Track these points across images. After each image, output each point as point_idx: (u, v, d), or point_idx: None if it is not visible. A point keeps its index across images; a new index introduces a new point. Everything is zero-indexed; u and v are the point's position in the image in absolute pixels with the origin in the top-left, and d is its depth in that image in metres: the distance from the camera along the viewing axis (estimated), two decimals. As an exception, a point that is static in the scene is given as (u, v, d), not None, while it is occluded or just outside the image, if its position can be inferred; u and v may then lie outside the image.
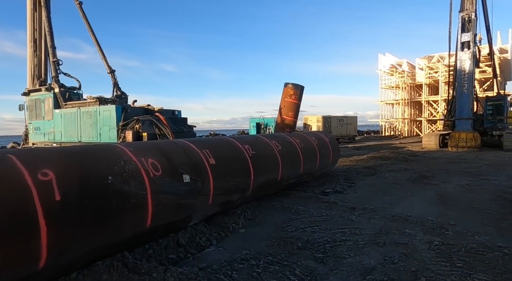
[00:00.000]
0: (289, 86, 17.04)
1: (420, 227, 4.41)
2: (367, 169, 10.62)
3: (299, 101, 17.62)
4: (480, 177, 8.87)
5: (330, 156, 8.55)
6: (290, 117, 17.33)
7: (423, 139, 19.71)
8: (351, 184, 7.83)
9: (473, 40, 16.82)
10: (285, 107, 17.58)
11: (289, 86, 17.07)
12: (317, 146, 7.86)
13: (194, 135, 11.80)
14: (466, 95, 16.95)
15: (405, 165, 11.62)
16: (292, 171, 6.55)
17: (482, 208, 5.51)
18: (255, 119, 26.83)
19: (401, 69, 35.82)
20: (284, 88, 17.80)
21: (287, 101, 17.36)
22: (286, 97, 17.31)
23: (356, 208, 5.48)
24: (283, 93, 17.67)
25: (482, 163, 11.90)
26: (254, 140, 5.82)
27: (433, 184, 7.82)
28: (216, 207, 4.50)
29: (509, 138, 16.56)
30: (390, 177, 8.83)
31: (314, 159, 7.58)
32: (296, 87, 16.96)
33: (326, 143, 8.56)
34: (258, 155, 5.42)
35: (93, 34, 13.48)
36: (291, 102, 17.30)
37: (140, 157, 3.45)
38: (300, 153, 6.87)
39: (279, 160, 5.99)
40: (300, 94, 17.24)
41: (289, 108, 17.66)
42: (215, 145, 4.81)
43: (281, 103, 17.97)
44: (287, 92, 17.31)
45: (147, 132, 9.56)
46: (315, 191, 6.95)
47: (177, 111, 12.14)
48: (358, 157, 14.63)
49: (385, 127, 38.72)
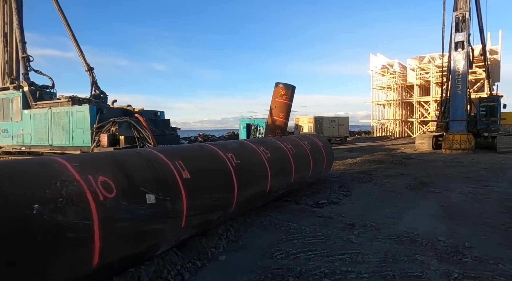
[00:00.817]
0: (280, 86, 16.39)
1: (432, 252, 3.76)
2: (362, 174, 10.03)
3: (290, 101, 16.97)
4: (481, 183, 8.36)
5: (324, 161, 7.90)
6: (281, 118, 16.69)
7: (416, 141, 19.34)
8: (346, 193, 7.19)
9: (467, 40, 16.49)
10: (276, 108, 16.92)
11: (280, 86, 16.42)
12: (310, 151, 7.19)
13: (178, 138, 10.98)
14: (460, 96, 16.60)
15: (401, 169, 11.09)
16: (282, 181, 5.85)
17: (494, 222, 4.92)
18: (245, 120, 26.05)
19: (392, 70, 35.65)
20: (275, 88, 17.14)
21: (278, 101, 16.70)
22: (277, 98, 16.65)
23: (355, 225, 4.81)
24: (274, 94, 17.01)
25: (479, 166, 11.47)
26: (239, 147, 5.09)
27: (435, 192, 7.25)
28: (191, 230, 3.75)
29: (503, 140, 16.30)
30: (387, 184, 8.23)
31: (307, 165, 6.90)
32: (287, 87, 16.31)
33: (319, 148, 7.90)
34: (243, 164, 4.70)
35: (69, 29, 12.51)
36: (282, 102, 16.65)
37: (87, 174, 2.68)
38: (292, 160, 6.18)
39: (268, 168, 5.28)
40: (291, 95, 16.59)
41: (280, 109, 17.01)
42: (191, 154, 4.05)
43: (271, 104, 17.33)
44: (278, 93, 16.65)
45: (125, 135, 8.71)
46: (308, 202, 6.27)
47: (160, 112, 11.30)
48: (352, 160, 14.08)
49: (376, 128, 38.51)
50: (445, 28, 18.06)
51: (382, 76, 36.92)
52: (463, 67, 16.44)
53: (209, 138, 29.57)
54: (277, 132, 17.05)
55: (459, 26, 16.72)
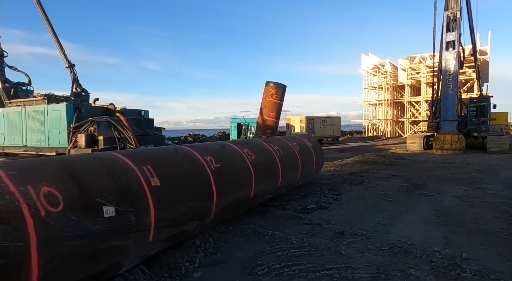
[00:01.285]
0: (271, 85, 16.01)
1: (427, 265, 3.43)
2: (353, 175, 9.74)
3: (281, 101, 16.60)
4: (474, 185, 8.15)
5: (313, 163, 7.56)
6: (272, 118, 16.31)
7: (407, 141, 19.23)
8: (337, 196, 6.86)
9: (458, 40, 16.41)
10: (266, 108, 16.53)
11: (270, 85, 16.04)
12: (299, 153, 6.83)
13: (163, 139, 10.51)
14: (451, 96, 16.52)
15: (392, 170, 10.85)
16: (268, 185, 5.47)
17: (491, 229, 4.65)
18: (236, 119, 25.62)
19: (383, 70, 35.67)
20: (265, 87, 16.76)
21: (268, 101, 16.32)
22: (268, 97, 16.28)
23: (345, 233, 4.47)
24: (264, 93, 16.63)
25: (471, 167, 11.31)
26: (220, 149, 4.69)
27: (428, 195, 6.98)
28: (161, 244, 3.34)
29: (493, 141, 16.28)
30: (379, 186, 7.95)
31: (295, 168, 6.55)
32: (278, 87, 15.94)
33: (308, 149, 7.55)
34: (224, 169, 4.31)
35: (48, 23, 11.89)
36: (272, 102, 16.27)
37: (26, 184, 2.25)
38: (279, 163, 5.81)
39: (252, 172, 4.90)
40: (282, 94, 16.23)
41: (271, 108, 16.62)
42: (163, 159, 3.64)
43: (262, 103, 16.92)
44: (268, 92, 16.26)
45: (104, 135, 8.22)
46: (296, 207, 5.91)
47: (143, 112, 10.80)
48: (343, 160, 13.82)
49: (368, 128, 38.54)
50: (436, 28, 17.99)
51: (373, 76, 36.93)
52: (454, 67, 16.36)
53: (199, 138, 29.06)
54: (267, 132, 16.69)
55: (450, 25, 16.64)
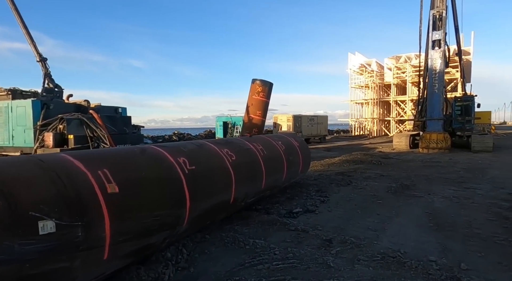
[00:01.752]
0: (257, 83, 15.55)
1: (424, 278, 3.09)
2: (341, 175, 9.45)
3: (268, 99, 16.18)
4: (462, 185, 7.99)
5: (299, 163, 7.18)
6: (258, 117, 15.86)
7: (394, 140, 19.22)
8: (324, 198, 6.51)
9: (444, 39, 16.44)
10: (252, 106, 16.06)
11: (256, 83, 15.58)
12: (284, 153, 6.44)
13: (140, 137, 9.91)
14: (437, 95, 16.54)
15: (380, 169, 10.63)
16: (251, 188, 5.04)
17: (486, 234, 4.38)
18: (222, 118, 25.10)
19: (370, 69, 35.85)
20: (251, 85, 16.27)
21: (254, 99, 15.86)
22: (254, 95, 15.82)
23: (333, 241, 4.09)
24: (251, 91, 16.16)
25: (458, 166, 11.24)
26: (196, 150, 4.22)
27: (417, 196, 6.72)
28: (120, 261, 2.86)
29: (477, 139, 16.41)
30: (367, 187, 7.66)
31: (280, 169, 6.15)
32: (265, 84, 15.51)
33: (295, 148, 7.17)
34: (199, 171, 3.84)
35: (16, 12, 11.06)
36: (259, 100, 15.81)
37: None
38: (262, 163, 5.38)
39: (233, 174, 4.46)
40: (269, 92, 15.81)
41: (257, 106, 16.14)
42: (125, 161, 3.14)
43: (248, 101, 16.44)
44: (254, 89, 15.81)
45: (74, 134, 7.59)
46: (280, 211, 5.50)
47: (121, 109, 10.17)
48: (330, 160, 13.55)
49: (354, 127, 38.71)
50: (422, 27, 17.98)
51: (360, 75, 37.08)
52: (440, 66, 16.38)
53: (184, 137, 28.34)
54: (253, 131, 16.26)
55: (436, 24, 16.64)
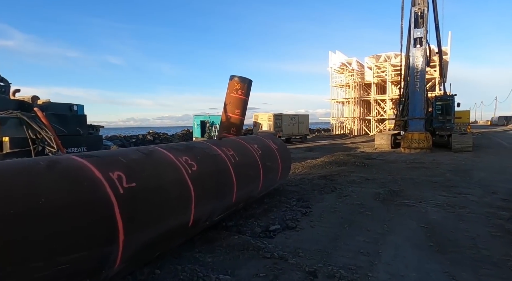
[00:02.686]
0: (235, 80, 14.61)
1: None
2: (323, 179, 8.71)
3: (247, 97, 15.25)
4: (452, 189, 7.43)
5: (278, 169, 6.32)
6: (237, 115, 14.88)
7: (376, 140, 18.87)
8: (306, 209, 5.69)
9: (425, 36, 16.17)
10: (230, 104, 15.09)
11: (235, 80, 14.64)
12: (260, 158, 5.55)
13: (99, 139, 8.69)
14: (418, 94, 16.26)
15: (364, 172, 10.00)
16: (218, 203, 4.11)
17: (497, 256, 3.69)
18: (200, 116, 23.93)
19: (350, 68, 35.75)
20: (229, 82, 15.31)
21: (233, 96, 14.88)
22: (232, 92, 14.83)
23: (318, 273, 3.24)
24: (229, 88, 15.16)
25: (443, 168, 10.82)
26: (141, 159, 3.22)
27: (408, 205, 6.04)
28: None
29: (457, 139, 16.28)
30: (353, 194, 6.92)
31: (256, 177, 5.25)
32: (243, 81, 14.57)
33: (273, 152, 6.30)
34: (142, 189, 2.86)
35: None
36: (237, 98, 14.86)
37: None
38: (233, 172, 4.46)
39: (192, 189, 3.51)
40: (248, 89, 14.89)
41: (235, 104, 15.20)
42: (17, 183, 2.11)
43: (226, 99, 15.47)
44: (232, 87, 14.82)
45: (10, 136, 6.34)
46: (255, 230, 4.60)
47: (76, 106, 8.90)
48: (312, 161, 12.86)
49: (335, 126, 38.57)
50: (403, 23, 17.69)
51: (340, 74, 36.93)
52: (422, 64, 16.09)
53: (159, 137, 26.84)
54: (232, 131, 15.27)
55: (418, 22, 16.34)
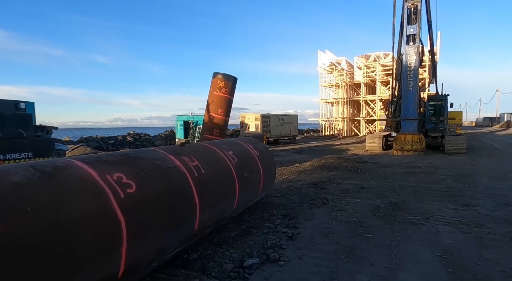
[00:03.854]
0: (219, 77, 13.46)
1: None
2: (313, 187, 7.70)
3: (231, 95, 14.14)
4: (458, 200, 6.53)
5: (260, 180, 5.22)
6: (220, 115, 13.77)
7: (367, 141, 18.07)
8: (293, 230, 4.62)
9: (419, 33, 15.43)
10: (213, 103, 13.95)
11: (218, 77, 13.49)
12: (236, 168, 4.43)
13: (50, 143, 7.36)
14: (411, 94, 15.50)
15: (358, 178, 9.04)
16: (170, 236, 2.98)
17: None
18: (183, 116, 22.61)
19: (340, 67, 35.09)
20: (212, 79, 14.15)
21: (216, 95, 13.75)
22: (215, 91, 13.70)
23: None
24: (212, 86, 14.01)
25: (441, 173, 9.99)
26: (33, 184, 2.05)
27: (414, 222, 5.06)
28: None
29: (451, 141, 15.63)
30: (348, 208, 5.90)
31: (229, 193, 4.14)
32: (227, 79, 13.45)
33: (253, 160, 5.19)
34: (16, 236, 1.71)
35: None
36: (221, 96, 13.73)
37: None
38: (195, 191, 3.34)
39: (123, 223, 2.37)
40: (232, 87, 13.77)
41: (219, 104, 14.06)
42: None
43: (209, 98, 14.29)
44: (216, 84, 13.68)
45: None
46: (224, 267, 3.48)
47: (24, 104, 7.57)
48: (301, 165, 11.86)
49: (324, 126, 37.86)
50: (395, 20, 16.93)
51: (330, 73, 36.25)
52: (415, 62, 15.35)
53: (141, 138, 25.29)
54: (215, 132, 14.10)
55: (411, 18, 15.60)
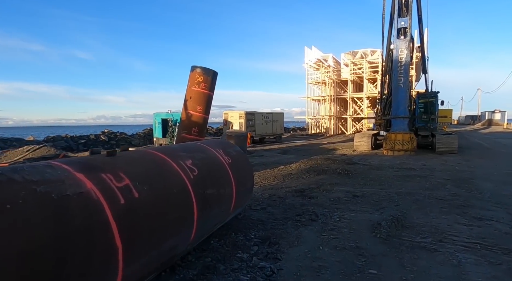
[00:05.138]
0: (197, 71, 12.09)
1: None
2: (300, 197, 6.61)
3: (211, 91, 12.79)
4: (468, 212, 5.59)
5: (232, 196, 4.04)
6: (199, 113, 12.42)
7: (355, 141, 17.22)
8: (272, 265, 3.49)
9: (410, 27, 14.62)
10: (191, 99, 12.57)
11: (197, 71, 12.12)
12: (195, 183, 3.23)
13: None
14: (402, 90, 14.69)
15: (349, 183, 8.03)
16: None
17: None
18: (161, 114, 21.13)
19: (326, 64, 34.29)
20: (190, 73, 12.75)
21: (194, 91, 12.38)
22: (193, 86, 12.33)
23: None
24: (189, 80, 12.60)
25: (438, 176, 9.13)
26: None
27: (426, 247, 4.03)
28: None
29: (442, 140, 14.95)
30: (342, 226, 4.83)
31: (182, 221, 2.93)
32: (207, 73, 12.10)
33: (222, 170, 3.99)
34: None
35: None
36: (200, 92, 12.38)
37: None
38: (115, 228, 2.13)
39: None
40: (212, 82, 12.43)
41: (197, 100, 12.69)
42: None
43: (186, 94, 12.88)
44: (194, 79, 12.31)
45: None
46: None
47: None
48: (286, 168, 10.78)
49: (311, 124, 37.07)
50: (385, 13, 16.07)
51: (316, 70, 35.41)
52: (406, 57, 14.54)
53: (116, 137, 23.50)
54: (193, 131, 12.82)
55: (402, 10, 14.76)
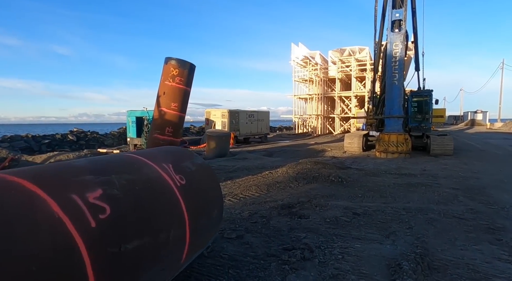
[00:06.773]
0: (172, 64, 10.55)
1: None
2: (287, 216, 5.27)
3: (189, 86, 11.25)
4: (503, 240, 4.40)
5: (185, 238, 2.60)
6: (174, 111, 10.89)
7: (345, 141, 16.11)
8: None
9: (405, 19, 13.57)
10: (165, 95, 11.02)
11: (171, 64, 10.58)
12: (99, 237, 1.80)
13: None
14: (397, 88, 13.64)
15: (345, 195, 6.75)
16: None
17: None
18: (135, 112, 19.37)
19: (314, 62, 33.24)
20: (164, 66, 11.20)
21: (168, 85, 10.85)
22: (167, 80, 10.79)
23: None
24: (163, 74, 11.02)
25: (444, 184, 8.01)
26: None
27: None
28: None
29: (437, 142, 14.03)
30: (347, 269, 3.50)
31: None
32: (183, 66, 10.56)
33: (167, 199, 2.55)
34: None
35: None
36: (174, 87, 10.88)
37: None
38: None
39: None
40: (189, 76, 10.87)
41: (172, 96, 11.19)
42: None
43: (159, 89, 11.31)
44: (168, 72, 10.74)
45: None
46: None
47: None
48: (271, 173, 9.42)
49: (298, 124, 35.97)
50: (377, 5, 14.98)
51: (303, 68, 34.31)
52: (401, 52, 13.49)
53: (86, 136, 21.45)
54: (167, 131, 11.29)
55: (396, 1, 13.69)
